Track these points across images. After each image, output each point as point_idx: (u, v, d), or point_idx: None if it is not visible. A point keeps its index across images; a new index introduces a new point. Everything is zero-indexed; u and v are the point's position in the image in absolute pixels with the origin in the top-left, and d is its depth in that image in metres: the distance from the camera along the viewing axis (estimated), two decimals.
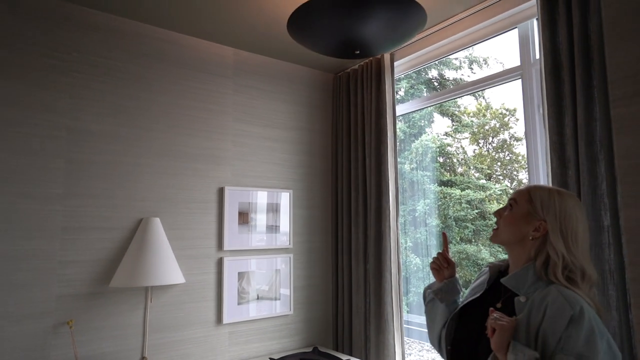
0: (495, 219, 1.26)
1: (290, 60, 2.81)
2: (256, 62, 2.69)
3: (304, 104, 2.88)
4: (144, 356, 2.10)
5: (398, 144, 2.57)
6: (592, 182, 1.62)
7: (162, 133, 2.29)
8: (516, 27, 2.11)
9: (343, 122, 2.85)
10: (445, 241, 1.45)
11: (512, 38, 2.22)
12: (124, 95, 2.20)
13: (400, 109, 2.77)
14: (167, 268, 2.10)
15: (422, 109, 2.76)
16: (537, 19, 1.91)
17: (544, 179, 1.96)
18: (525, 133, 2.05)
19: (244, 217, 2.52)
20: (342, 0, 1.63)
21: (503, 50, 3.09)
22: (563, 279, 1.07)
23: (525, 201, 1.18)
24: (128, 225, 2.14)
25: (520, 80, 2.09)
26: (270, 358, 2.35)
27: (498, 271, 1.30)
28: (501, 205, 1.31)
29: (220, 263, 2.40)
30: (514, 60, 2.14)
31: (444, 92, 2.54)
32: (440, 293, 1.38)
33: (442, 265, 1.41)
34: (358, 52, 1.93)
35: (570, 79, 1.72)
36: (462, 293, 1.42)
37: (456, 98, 2.50)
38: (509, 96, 3.26)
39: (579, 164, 1.66)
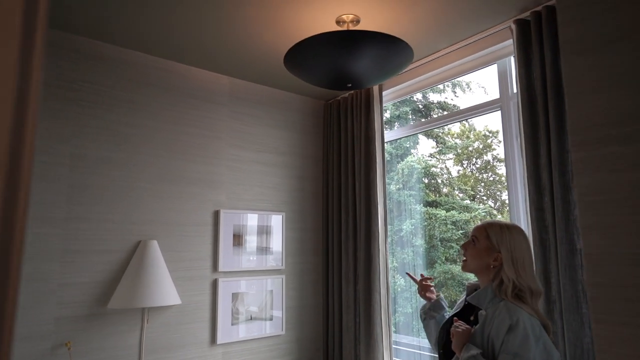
0: (462, 251, 1.54)
1: (284, 89, 2.95)
2: (251, 90, 2.82)
3: (297, 130, 3.00)
4: None
5: (384, 165, 2.70)
6: (566, 208, 1.76)
7: (160, 158, 2.38)
8: (495, 63, 2.28)
9: (334, 148, 2.98)
10: (411, 278, 1.80)
11: (492, 69, 2.40)
12: (124, 123, 2.29)
13: (389, 136, 2.91)
14: (164, 289, 2.16)
15: (410, 135, 2.91)
16: (514, 56, 2.08)
17: (522, 203, 2.10)
18: (505, 161, 2.20)
19: (238, 239, 2.60)
20: (336, 39, 1.77)
21: (485, 75, 3.27)
22: (511, 296, 1.37)
23: (484, 238, 1.46)
24: (126, 248, 2.20)
25: (499, 111, 2.25)
26: None
27: (474, 289, 1.56)
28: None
29: (215, 284, 2.47)
30: (495, 86, 2.30)
31: (429, 121, 2.70)
32: (429, 312, 1.70)
33: (425, 289, 1.74)
34: (350, 85, 2.06)
35: (544, 112, 1.88)
36: (447, 308, 1.72)
37: (442, 125, 2.65)
38: (491, 119, 3.43)
39: (554, 191, 1.81)
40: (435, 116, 3.72)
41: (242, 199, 2.67)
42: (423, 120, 2.76)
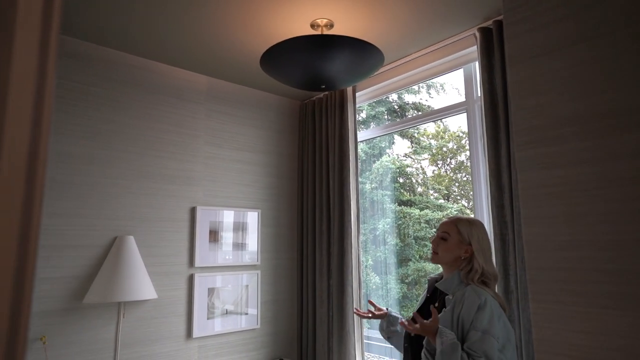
0: (431, 245, 1.68)
1: (260, 88, 3.01)
2: (228, 89, 2.87)
3: (272, 129, 3.07)
4: None
5: (359, 164, 2.80)
6: None
7: (137, 155, 2.41)
8: (462, 68, 2.41)
9: (309, 147, 3.06)
10: (374, 305, 1.87)
11: (459, 73, 2.53)
12: (101, 119, 2.31)
13: (362, 135, 3.01)
14: (140, 284, 2.20)
15: (383, 135, 3.02)
16: (478, 62, 2.21)
17: (485, 201, 2.23)
18: (470, 160, 2.33)
19: (214, 235, 2.65)
20: (311, 43, 1.85)
21: (458, 77, 3.40)
22: (477, 282, 1.55)
23: (455, 233, 1.60)
24: (103, 243, 2.22)
25: (465, 113, 2.38)
26: None
27: (434, 281, 1.71)
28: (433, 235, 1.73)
29: (191, 279, 2.51)
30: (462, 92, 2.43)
31: (402, 121, 2.81)
32: (389, 329, 1.80)
33: (375, 313, 1.84)
34: (324, 86, 2.15)
35: (505, 115, 2.01)
36: (400, 315, 1.82)
37: (414, 126, 2.77)
38: (465, 119, 3.58)
39: (512, 189, 1.94)
40: (410, 116, 3.85)
41: (219, 196, 2.72)
42: (397, 120, 2.88)
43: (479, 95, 2.32)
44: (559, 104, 0.92)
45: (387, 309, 1.85)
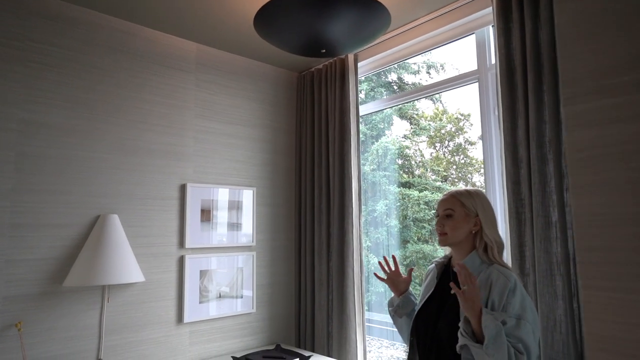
0: (439, 228, 1.50)
1: (255, 58, 2.80)
2: (219, 58, 2.66)
3: (268, 102, 2.88)
4: (100, 358, 2.02)
5: (359, 138, 2.62)
6: (542, 180, 1.73)
7: (120, 127, 2.22)
8: (474, 33, 2.21)
9: (307, 121, 2.87)
10: (395, 262, 1.66)
11: (468, 45, 2.33)
12: (80, 86, 2.11)
13: (364, 109, 2.82)
14: (126, 266, 2.03)
15: (385, 109, 2.84)
16: (493, 26, 2.02)
17: (498, 177, 2.07)
18: (482, 133, 2.16)
19: (206, 214, 2.48)
20: None
21: (459, 56, 3.21)
22: (500, 258, 1.41)
23: (459, 206, 1.46)
24: (84, 222, 2.05)
25: (477, 83, 2.20)
26: (232, 357, 2.33)
27: (443, 265, 1.56)
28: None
29: (181, 261, 2.35)
30: (469, 67, 2.24)
31: (405, 93, 2.62)
32: (399, 310, 1.62)
33: (395, 278, 1.63)
34: (324, 50, 1.95)
35: (523, 83, 1.83)
36: (416, 301, 1.63)
37: (419, 98, 2.59)
38: (464, 101, 3.40)
39: (530, 163, 1.77)
40: (418, 87, 3.66)
41: (210, 173, 2.54)
42: (401, 92, 2.69)
43: (493, 62, 2.14)
44: (618, 46, 0.74)
45: (411, 269, 1.67)
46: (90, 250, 1.98)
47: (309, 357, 2.32)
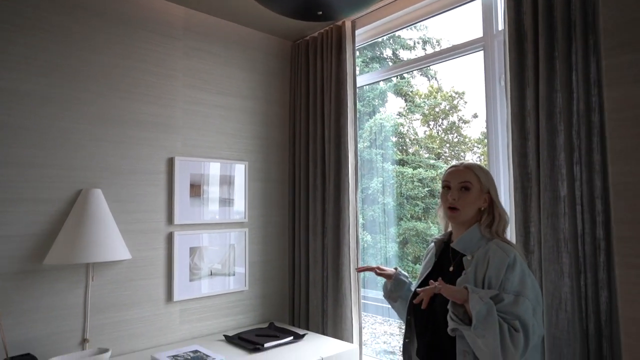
0: (445, 201, 1.42)
1: (246, 24, 2.64)
2: (209, 24, 2.50)
3: (260, 72, 2.73)
4: (86, 338, 1.94)
5: (356, 111, 2.51)
6: (551, 153, 1.64)
7: (103, 96, 2.08)
8: None
9: (301, 92, 2.74)
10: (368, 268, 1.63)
11: (468, 14, 2.20)
12: (57, 52, 1.95)
13: (361, 80, 2.69)
14: (111, 243, 1.93)
15: (385, 79, 2.71)
16: None
17: (503, 151, 1.97)
18: (486, 105, 2.05)
19: (195, 189, 2.37)
20: None
21: (456, 29, 3.08)
22: (502, 233, 1.36)
23: (476, 181, 1.38)
24: (65, 197, 1.93)
25: (482, 51, 2.07)
26: (224, 335, 2.26)
27: (442, 243, 1.51)
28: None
29: (170, 238, 2.25)
30: (469, 37, 2.11)
31: (406, 62, 2.49)
32: (392, 294, 1.58)
33: (378, 271, 1.60)
34: (321, 13, 1.81)
35: (534, 49, 1.71)
36: (409, 280, 1.60)
37: (420, 68, 2.47)
38: (459, 79, 3.30)
39: (539, 135, 1.68)
40: (405, 74, 3.54)
41: (200, 146, 2.41)
42: (402, 61, 2.56)
43: (500, 29, 2.01)
44: None
45: (395, 268, 1.62)
46: (72, 226, 1.87)
47: (303, 335, 2.26)
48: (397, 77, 3.55)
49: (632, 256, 0.64)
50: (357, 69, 2.53)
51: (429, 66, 2.43)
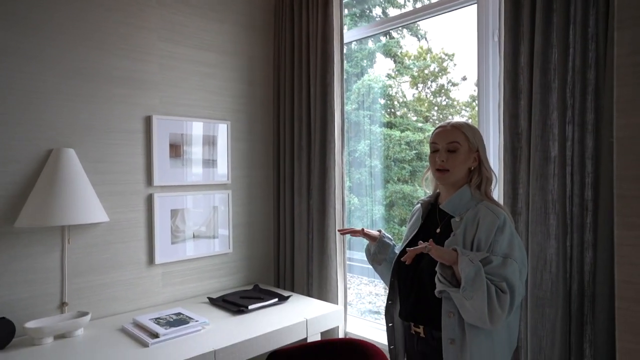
0: (434, 163, 1.37)
1: None
2: None
3: (243, 25, 2.58)
4: (64, 302, 1.90)
5: (343, 67, 2.40)
6: (544, 111, 1.58)
7: (71, 48, 1.93)
8: None
9: (286, 48, 2.60)
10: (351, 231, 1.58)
11: None
12: (23, 2, 1.79)
13: (349, 36, 2.57)
14: (87, 205, 1.85)
15: (374, 35, 2.59)
16: None
17: (493, 110, 1.91)
18: (478, 62, 1.96)
19: (175, 150, 2.27)
20: None
21: None
22: (490, 194, 1.34)
23: (464, 140, 1.33)
24: (34, 157, 1.83)
25: (476, 4, 1.97)
26: (208, 297, 2.24)
27: (429, 204, 1.47)
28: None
29: (150, 200, 2.18)
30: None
31: (395, 17, 2.37)
32: (376, 256, 1.56)
33: (362, 235, 1.56)
34: None
35: (530, 1, 1.62)
36: (393, 242, 1.57)
37: (411, 23, 2.35)
38: (449, 40, 3.20)
39: (532, 93, 1.61)
40: (395, 34, 3.41)
41: (179, 104, 2.30)
42: (391, 16, 2.43)
43: None
44: None
45: (379, 231, 1.59)
46: (43, 188, 1.78)
47: (288, 297, 2.25)
48: (387, 37, 3.42)
49: (634, 216, 0.59)
50: (345, 27, 2.41)
51: (419, 21, 2.31)
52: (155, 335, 1.71)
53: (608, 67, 1.40)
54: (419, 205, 1.49)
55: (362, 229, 1.57)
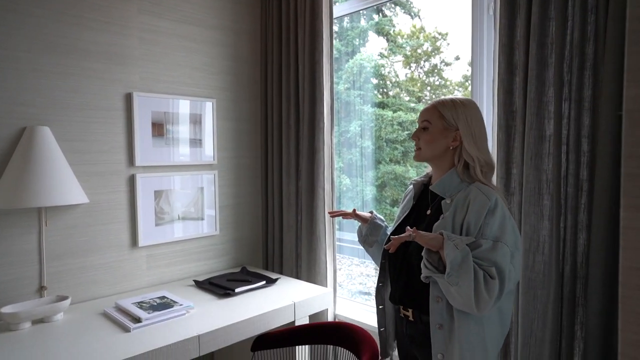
0: (414, 142, 1.34)
1: None
2: None
3: None
4: (43, 285, 1.83)
5: (332, 43, 2.31)
6: (540, 88, 1.52)
7: (46, 20, 1.82)
8: None
9: (273, 23, 2.50)
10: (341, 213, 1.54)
11: None
12: None
13: (338, 10, 2.46)
14: (64, 186, 1.77)
15: (367, 8, 2.49)
16: None
17: (487, 88, 1.84)
18: (472, 38, 1.89)
19: (158, 128, 2.19)
20: None
21: None
22: (482, 177, 1.24)
23: (437, 118, 1.28)
24: (6, 135, 1.74)
25: None
26: (194, 280, 2.19)
27: (422, 185, 1.42)
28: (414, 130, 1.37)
29: (132, 180, 2.10)
30: None
31: None
32: (368, 238, 1.52)
33: (353, 217, 1.52)
34: None
35: None
36: (385, 223, 1.53)
37: None
38: (442, 18, 3.11)
39: (528, 68, 1.54)
40: (387, 12, 3.31)
41: (161, 81, 2.20)
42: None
43: None
44: None
45: (371, 212, 1.54)
46: (17, 168, 1.70)
47: (276, 279, 2.21)
48: (379, 15, 3.31)
49: (634, 197, 0.53)
50: (337, 3, 2.31)
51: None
52: (137, 319, 1.66)
53: (608, 41, 1.33)
54: (412, 186, 1.44)
55: (354, 210, 1.52)
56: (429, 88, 3.64)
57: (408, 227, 1.18)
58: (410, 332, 1.34)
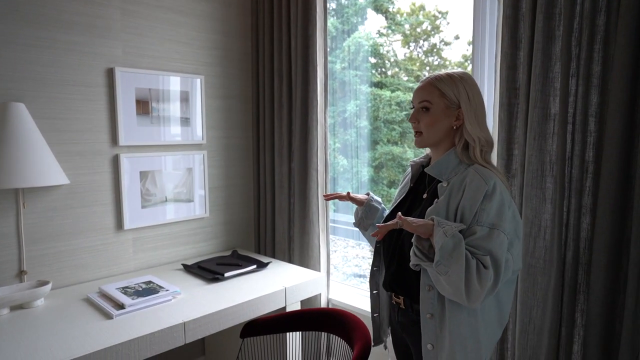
0: (414, 125, 1.23)
1: None
2: None
3: None
4: (23, 270, 1.76)
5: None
6: (545, 63, 1.42)
7: None
8: None
9: None
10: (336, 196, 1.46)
11: None
12: None
13: None
14: (42, 166, 1.68)
15: None
16: None
17: (489, 63, 1.74)
18: (474, 9, 1.78)
19: (143, 106, 2.08)
20: None
21: None
22: (481, 158, 1.15)
23: (438, 97, 1.16)
24: None
25: None
26: (182, 264, 2.12)
27: (420, 166, 1.33)
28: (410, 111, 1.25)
29: (116, 161, 2.01)
30: None
31: None
32: (363, 222, 1.44)
33: (349, 199, 1.44)
34: None
35: None
36: (382, 205, 1.46)
37: None
38: None
39: (534, 42, 1.44)
40: None
41: (145, 56, 2.08)
42: None
43: None
44: None
45: (368, 194, 1.45)
46: None
47: (267, 263, 2.14)
48: None
49: None
50: None
51: None
52: (120, 305, 1.59)
53: (622, 11, 1.23)
54: (410, 167, 1.36)
55: (348, 193, 1.43)
56: (428, 68, 3.54)
57: (399, 213, 1.09)
58: (402, 320, 1.28)
